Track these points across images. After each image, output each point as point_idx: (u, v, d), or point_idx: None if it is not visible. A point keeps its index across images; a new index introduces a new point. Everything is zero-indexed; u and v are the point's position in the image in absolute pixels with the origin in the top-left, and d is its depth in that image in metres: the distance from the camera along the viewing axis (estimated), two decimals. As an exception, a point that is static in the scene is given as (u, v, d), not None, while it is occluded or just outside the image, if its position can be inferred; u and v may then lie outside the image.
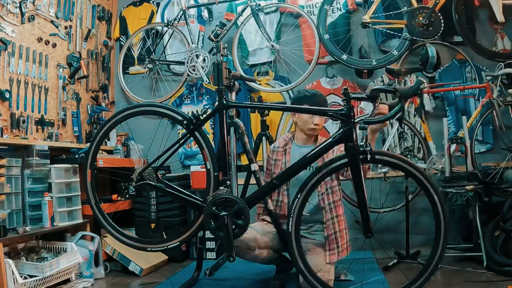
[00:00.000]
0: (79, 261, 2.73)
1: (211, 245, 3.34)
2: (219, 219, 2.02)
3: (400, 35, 3.24)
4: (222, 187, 2.11)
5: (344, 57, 3.32)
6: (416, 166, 1.98)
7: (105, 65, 3.99)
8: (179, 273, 2.95)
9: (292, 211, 1.99)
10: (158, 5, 4.01)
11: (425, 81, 1.99)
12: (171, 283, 2.64)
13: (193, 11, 3.84)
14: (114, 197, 3.23)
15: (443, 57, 3.40)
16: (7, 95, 2.84)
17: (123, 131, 3.79)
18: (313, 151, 2.05)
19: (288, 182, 2.33)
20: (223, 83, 2.22)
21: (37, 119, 3.11)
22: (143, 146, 3.64)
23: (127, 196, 2.28)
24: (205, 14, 3.89)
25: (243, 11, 3.55)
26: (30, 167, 2.80)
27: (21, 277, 2.36)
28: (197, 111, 2.23)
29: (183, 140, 2.26)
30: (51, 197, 2.80)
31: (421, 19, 3.13)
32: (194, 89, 3.89)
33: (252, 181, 2.59)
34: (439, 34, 3.15)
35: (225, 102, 2.20)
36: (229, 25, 3.59)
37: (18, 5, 2.95)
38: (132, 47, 4.00)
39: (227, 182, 2.13)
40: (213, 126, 3.76)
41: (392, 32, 3.30)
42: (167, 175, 3.44)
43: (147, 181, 2.23)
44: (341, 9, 3.60)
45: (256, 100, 3.51)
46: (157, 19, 3.95)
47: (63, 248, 2.76)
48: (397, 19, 3.25)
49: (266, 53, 3.69)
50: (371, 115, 2.10)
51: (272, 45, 3.52)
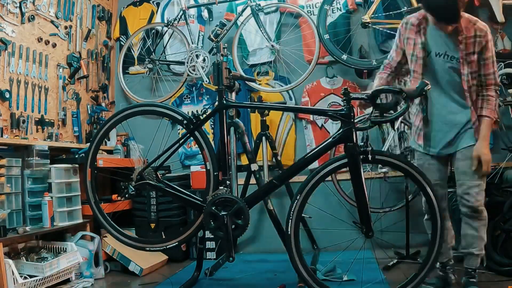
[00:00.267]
0: (79, 261, 2.73)
1: (211, 245, 3.34)
2: (219, 219, 2.03)
3: (400, 35, 3.24)
4: (221, 187, 2.12)
5: (344, 57, 3.32)
6: (414, 166, 2.00)
7: (105, 65, 4.00)
8: (179, 273, 2.96)
9: (291, 213, 1.97)
10: (158, 5, 4.01)
11: (428, 82, 2.00)
12: (171, 283, 2.65)
13: (193, 11, 3.84)
14: (114, 197, 3.23)
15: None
16: (7, 95, 2.84)
17: (123, 131, 3.80)
18: (313, 151, 2.06)
19: None
20: (223, 83, 2.22)
21: (37, 119, 3.11)
22: (143, 146, 3.64)
23: (126, 196, 2.28)
24: (205, 14, 3.89)
25: (243, 11, 3.55)
26: (30, 167, 2.80)
27: (21, 277, 2.36)
28: (197, 111, 2.23)
29: (183, 140, 2.27)
30: (51, 197, 2.80)
31: (421, 19, 3.12)
32: (194, 89, 3.89)
33: (252, 181, 2.60)
34: (439, 34, 3.15)
35: (225, 102, 2.20)
36: (229, 25, 3.58)
37: (18, 5, 2.95)
38: (132, 47, 4.00)
39: (227, 182, 2.14)
40: (213, 126, 3.76)
41: (392, 32, 3.29)
42: (167, 175, 3.45)
43: (147, 181, 2.24)
44: (341, 9, 3.59)
45: (256, 100, 3.51)
46: (157, 19, 3.95)
47: (63, 248, 2.76)
48: (397, 19, 3.23)
49: (266, 53, 3.69)
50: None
51: (272, 45, 3.52)
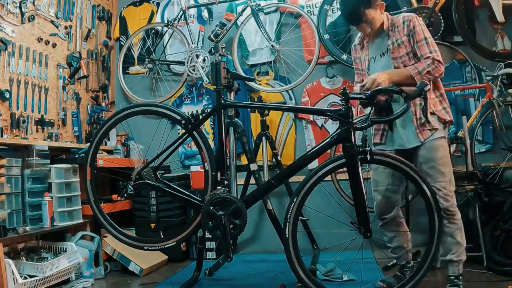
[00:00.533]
0: (79, 261, 2.73)
1: (211, 245, 3.34)
2: (217, 219, 2.03)
3: (400, 35, 3.23)
4: (219, 187, 2.12)
5: (344, 57, 3.32)
6: (412, 167, 2.00)
7: (105, 65, 4.00)
8: (179, 273, 2.96)
9: (288, 215, 1.95)
10: (158, 5, 4.01)
11: (428, 83, 2.01)
12: (171, 283, 2.65)
13: (193, 11, 3.84)
14: (114, 197, 3.24)
15: (443, 57, 3.37)
16: (7, 95, 2.85)
17: (123, 131, 3.80)
18: (312, 151, 2.05)
19: None
20: (222, 83, 2.22)
21: (37, 119, 3.12)
22: (143, 146, 3.65)
23: (125, 195, 2.28)
24: (205, 14, 3.89)
25: (243, 11, 3.55)
26: (30, 167, 2.80)
27: (21, 277, 2.36)
28: (197, 111, 2.22)
29: (181, 140, 2.27)
30: (51, 197, 2.81)
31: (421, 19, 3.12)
32: (194, 89, 3.90)
33: (252, 181, 2.60)
34: (439, 34, 3.15)
35: (223, 102, 2.20)
36: (229, 25, 3.58)
37: (18, 5, 2.96)
38: (132, 47, 4.00)
39: (225, 182, 2.14)
40: (213, 126, 3.76)
41: (392, 32, 3.28)
42: (167, 174, 3.46)
43: (146, 181, 2.24)
44: (341, 9, 3.59)
45: (256, 100, 3.51)
46: (157, 19, 3.96)
47: (63, 248, 2.76)
48: (397, 19, 3.24)
49: (266, 53, 3.69)
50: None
51: (272, 45, 3.52)
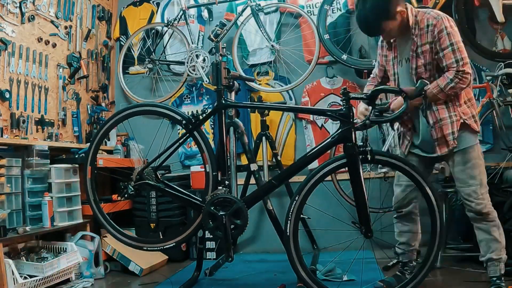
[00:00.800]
0: (79, 261, 2.73)
1: (211, 245, 3.34)
2: (218, 219, 2.03)
3: (400, 35, 3.23)
4: (220, 187, 2.12)
5: (344, 57, 3.32)
6: (414, 166, 1.99)
7: (105, 65, 4.00)
8: (179, 273, 2.96)
9: (290, 214, 1.96)
10: (158, 5, 4.01)
11: (428, 82, 2.00)
12: (171, 283, 2.65)
13: (193, 11, 3.84)
14: (114, 197, 3.24)
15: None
16: (7, 95, 2.85)
17: (123, 131, 3.80)
18: (312, 151, 2.05)
19: None
20: (222, 83, 2.22)
21: (37, 119, 3.12)
22: (143, 146, 3.65)
23: (126, 195, 2.28)
24: (205, 14, 3.89)
25: (243, 11, 3.55)
26: (30, 167, 2.80)
27: (21, 277, 2.36)
28: (197, 111, 2.22)
29: (182, 140, 2.27)
30: (51, 197, 2.81)
31: (421, 19, 3.12)
32: (194, 89, 3.89)
33: (252, 181, 2.59)
34: (439, 34, 3.14)
35: (224, 102, 2.20)
36: (229, 25, 3.58)
37: (18, 5, 2.96)
38: (132, 47, 4.00)
39: (226, 182, 2.14)
40: (213, 126, 3.76)
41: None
42: (167, 175, 3.45)
43: (146, 181, 2.24)
44: (341, 9, 3.59)
45: (256, 100, 3.51)
46: (157, 19, 3.96)
47: (63, 248, 2.76)
48: (397, 19, 3.24)
49: (266, 53, 3.69)
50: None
51: (272, 45, 3.52)
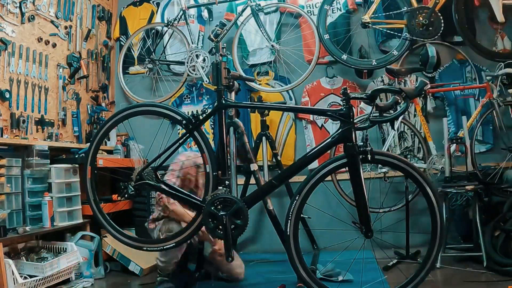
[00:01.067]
0: (79, 261, 2.73)
1: (211, 245, 3.33)
2: (218, 219, 2.02)
3: (400, 35, 3.24)
4: (221, 187, 2.11)
5: (344, 57, 3.32)
6: (414, 166, 1.99)
7: (105, 65, 4.00)
8: (179, 273, 2.94)
9: (290, 213, 1.96)
10: (158, 5, 4.01)
11: (428, 82, 2.00)
12: (171, 283, 2.64)
13: (193, 11, 3.84)
14: (114, 197, 3.23)
15: (443, 57, 3.40)
16: (7, 95, 2.85)
17: (123, 131, 3.80)
18: (312, 151, 2.05)
19: None
20: (222, 83, 2.22)
21: (37, 119, 3.12)
22: (143, 146, 3.64)
23: (126, 196, 2.28)
24: (205, 14, 3.89)
25: (243, 11, 3.55)
26: (30, 167, 2.80)
27: (21, 277, 2.36)
28: (197, 111, 2.22)
29: (182, 140, 2.26)
30: (51, 197, 2.80)
31: (421, 19, 3.13)
32: (194, 89, 3.89)
33: (252, 181, 2.60)
34: (439, 34, 3.15)
35: (224, 102, 2.20)
36: (229, 25, 3.58)
37: (18, 5, 2.96)
38: (132, 47, 4.00)
39: (226, 182, 2.13)
40: (213, 126, 3.76)
41: (392, 32, 3.29)
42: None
43: (146, 181, 2.24)
44: (341, 9, 3.59)
45: (256, 100, 3.51)
46: (157, 19, 3.95)
47: (63, 248, 2.76)
48: (397, 19, 3.25)
49: (266, 53, 3.69)
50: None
51: (272, 45, 3.52)
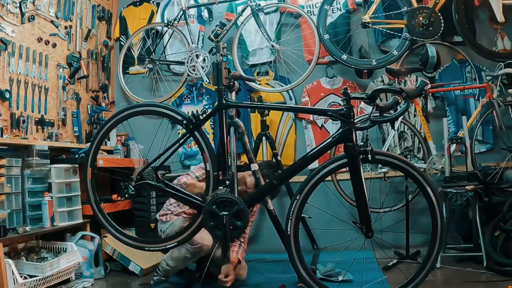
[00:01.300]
0: (79, 261, 2.73)
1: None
2: (218, 219, 2.03)
3: (400, 35, 3.24)
4: (221, 187, 2.11)
5: (344, 57, 3.32)
6: (414, 166, 1.99)
7: (105, 65, 4.00)
8: (179, 273, 2.94)
9: (291, 213, 1.97)
10: (158, 5, 4.01)
11: (428, 82, 2.00)
12: (171, 283, 2.64)
13: (193, 11, 3.84)
14: (114, 197, 3.23)
15: (443, 57, 3.40)
16: (7, 95, 2.84)
17: (123, 131, 3.79)
18: (313, 151, 2.05)
19: None
20: (223, 83, 2.22)
21: (37, 119, 3.11)
22: (143, 146, 3.64)
23: (126, 196, 2.28)
24: (205, 14, 3.89)
25: (243, 11, 3.55)
26: (30, 167, 2.80)
27: (21, 277, 2.36)
28: (197, 111, 2.21)
29: (182, 140, 2.26)
30: (51, 197, 2.80)
31: (421, 19, 3.13)
32: (194, 89, 3.89)
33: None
34: (439, 34, 3.15)
35: (224, 102, 2.20)
36: (229, 25, 3.58)
37: (18, 5, 2.95)
38: (132, 47, 4.00)
39: (226, 182, 2.13)
40: (213, 126, 3.76)
41: (392, 32, 3.29)
42: (167, 175, 3.45)
43: (147, 181, 2.24)
44: (341, 9, 3.60)
45: (256, 100, 3.51)
46: (157, 19, 3.95)
47: (63, 248, 2.76)
48: (397, 19, 3.25)
49: (266, 53, 3.69)
50: None
51: (272, 45, 3.52)
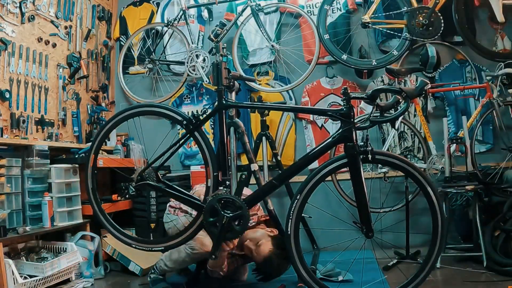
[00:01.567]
0: (79, 261, 2.73)
1: (211, 245, 3.33)
2: (219, 218, 2.03)
3: (400, 35, 3.24)
4: (221, 187, 2.11)
5: (344, 57, 3.32)
6: (415, 166, 1.99)
7: (105, 65, 3.99)
8: (178, 273, 2.95)
9: (291, 213, 1.97)
10: (158, 5, 4.01)
11: (428, 82, 1.99)
12: (171, 283, 2.64)
13: (193, 11, 3.84)
14: (114, 197, 3.23)
15: (443, 57, 3.40)
16: (7, 95, 2.84)
17: (124, 131, 3.79)
18: (313, 151, 2.06)
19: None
20: (223, 83, 2.22)
21: (37, 119, 3.11)
22: (143, 146, 3.64)
23: (127, 196, 2.28)
24: (205, 14, 3.89)
25: (243, 11, 3.55)
26: (30, 167, 2.80)
27: (21, 277, 2.36)
28: (197, 111, 2.21)
29: (182, 140, 2.26)
30: (51, 197, 2.80)
31: (421, 19, 3.13)
32: (194, 89, 3.89)
33: (252, 181, 2.59)
34: (439, 34, 3.16)
35: (224, 102, 2.20)
36: (229, 25, 3.58)
37: (18, 5, 2.95)
38: (132, 47, 3.99)
39: (227, 182, 2.14)
40: (213, 126, 3.76)
41: (392, 32, 3.29)
42: (167, 175, 3.45)
43: (147, 181, 2.24)
44: (341, 9, 3.60)
45: (256, 100, 3.51)
46: (157, 19, 3.95)
47: (63, 248, 2.76)
48: (397, 19, 3.25)
49: (266, 53, 3.69)
50: None
51: (272, 45, 3.52)
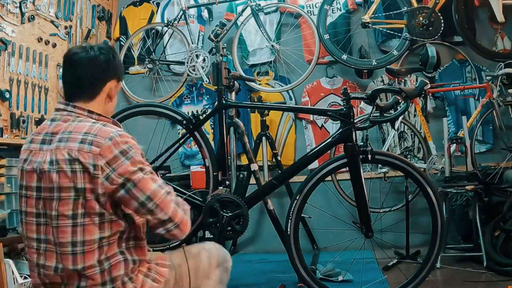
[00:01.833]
0: (79, 261, 2.72)
1: (211, 245, 3.33)
2: (219, 218, 2.03)
3: (400, 35, 3.24)
4: (221, 187, 2.11)
5: (344, 57, 3.32)
6: (414, 166, 2.00)
7: (105, 65, 3.99)
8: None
9: (291, 213, 1.97)
10: (158, 5, 4.01)
11: (428, 82, 2.00)
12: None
13: (193, 11, 3.83)
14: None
15: (443, 57, 3.40)
16: (7, 95, 2.84)
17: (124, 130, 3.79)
18: (313, 151, 2.06)
19: None
20: (223, 83, 2.22)
21: (37, 119, 3.11)
22: (143, 146, 3.63)
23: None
24: (205, 14, 3.89)
25: (243, 11, 3.54)
26: (30, 167, 2.79)
27: (21, 277, 2.35)
28: (197, 111, 2.21)
29: (182, 140, 2.27)
30: (51, 197, 2.80)
31: (421, 19, 3.13)
32: (194, 89, 3.89)
33: (252, 181, 2.60)
34: (439, 34, 3.15)
35: (224, 102, 2.20)
36: (229, 25, 3.58)
37: (18, 5, 2.95)
38: (132, 47, 3.99)
39: (226, 182, 2.14)
40: (213, 126, 3.76)
41: (392, 32, 3.29)
42: (167, 175, 3.45)
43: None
44: (341, 9, 3.59)
45: (256, 100, 3.51)
46: (157, 19, 3.95)
47: (63, 248, 2.75)
48: (397, 19, 3.25)
49: (266, 53, 3.68)
50: None
51: (272, 45, 3.51)
